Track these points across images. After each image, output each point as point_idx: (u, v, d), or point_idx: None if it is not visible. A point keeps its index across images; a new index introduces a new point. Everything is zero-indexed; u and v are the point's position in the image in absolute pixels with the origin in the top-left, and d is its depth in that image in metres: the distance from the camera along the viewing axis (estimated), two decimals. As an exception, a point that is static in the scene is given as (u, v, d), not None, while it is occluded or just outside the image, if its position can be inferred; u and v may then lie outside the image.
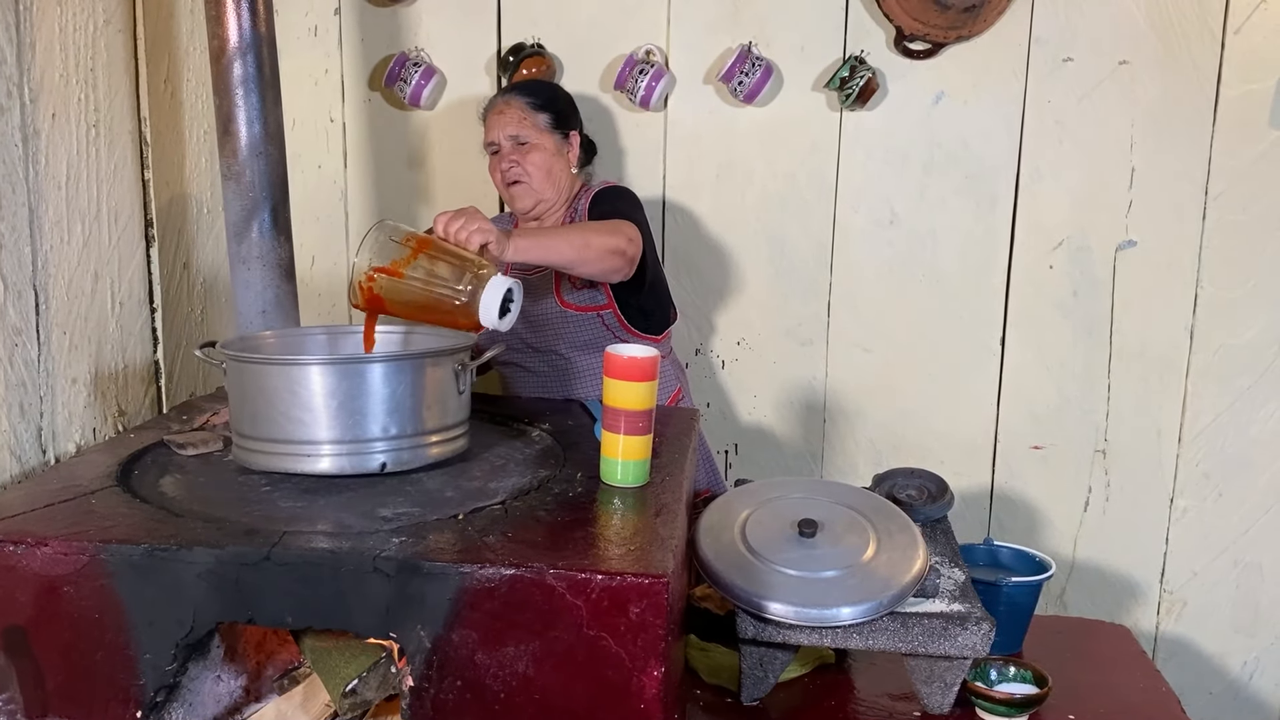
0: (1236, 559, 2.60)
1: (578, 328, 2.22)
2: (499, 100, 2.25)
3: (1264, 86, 2.40)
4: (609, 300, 2.21)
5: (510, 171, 2.20)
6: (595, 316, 2.22)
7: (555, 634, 1.31)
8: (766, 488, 1.89)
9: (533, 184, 2.21)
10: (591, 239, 1.93)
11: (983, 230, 2.53)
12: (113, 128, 2.03)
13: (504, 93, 2.28)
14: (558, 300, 2.21)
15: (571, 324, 2.22)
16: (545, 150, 2.21)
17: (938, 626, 1.63)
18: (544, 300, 2.23)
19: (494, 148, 2.23)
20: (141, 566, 1.36)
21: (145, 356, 2.15)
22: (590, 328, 2.22)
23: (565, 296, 2.21)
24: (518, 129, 2.20)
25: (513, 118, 2.21)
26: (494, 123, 2.23)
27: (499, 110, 2.23)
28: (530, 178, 2.20)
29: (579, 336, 2.23)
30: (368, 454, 1.58)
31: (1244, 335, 2.50)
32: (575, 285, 2.20)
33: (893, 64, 2.47)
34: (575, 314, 2.21)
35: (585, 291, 2.21)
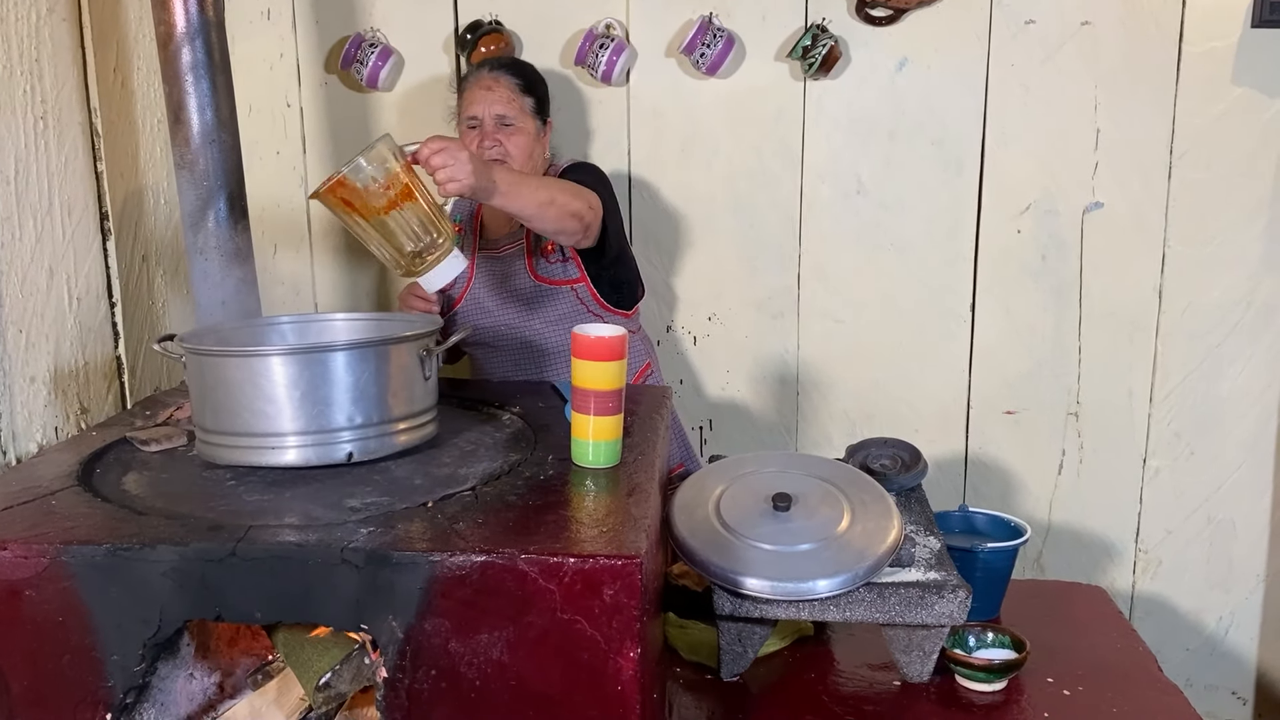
0: (1209, 516, 2.62)
1: (552, 302, 2.21)
2: (485, 75, 2.20)
3: (1225, 44, 2.40)
4: (581, 274, 2.20)
5: (492, 151, 2.16)
6: (569, 290, 2.21)
7: (529, 619, 1.30)
8: (740, 463, 1.88)
9: (513, 166, 2.17)
10: (557, 196, 1.94)
11: (950, 196, 2.52)
12: (61, 119, 1.98)
13: (491, 68, 2.22)
14: (530, 274, 2.21)
15: (546, 298, 2.21)
16: (528, 134, 2.19)
17: (914, 595, 1.63)
18: (516, 275, 2.22)
19: (474, 122, 2.18)
20: (104, 567, 1.33)
21: (106, 352, 2.11)
22: (564, 302, 2.21)
23: (538, 270, 2.20)
24: (505, 109, 2.17)
25: (501, 96, 2.17)
26: (479, 97, 2.17)
27: (486, 85, 2.18)
28: (511, 159, 2.16)
29: (553, 311, 2.22)
30: (334, 444, 1.55)
31: (1211, 293, 2.51)
32: (548, 259, 2.20)
33: (855, 31, 2.45)
34: (549, 288, 2.20)
35: (557, 265, 2.20)
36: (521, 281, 2.22)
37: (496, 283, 2.25)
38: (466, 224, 2.32)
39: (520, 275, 2.22)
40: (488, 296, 2.26)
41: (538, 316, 2.22)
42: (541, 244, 2.21)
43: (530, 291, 2.22)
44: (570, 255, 2.20)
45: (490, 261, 2.27)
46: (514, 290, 2.23)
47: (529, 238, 2.23)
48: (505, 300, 2.23)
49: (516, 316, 2.23)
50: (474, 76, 2.21)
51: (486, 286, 2.26)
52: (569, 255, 2.20)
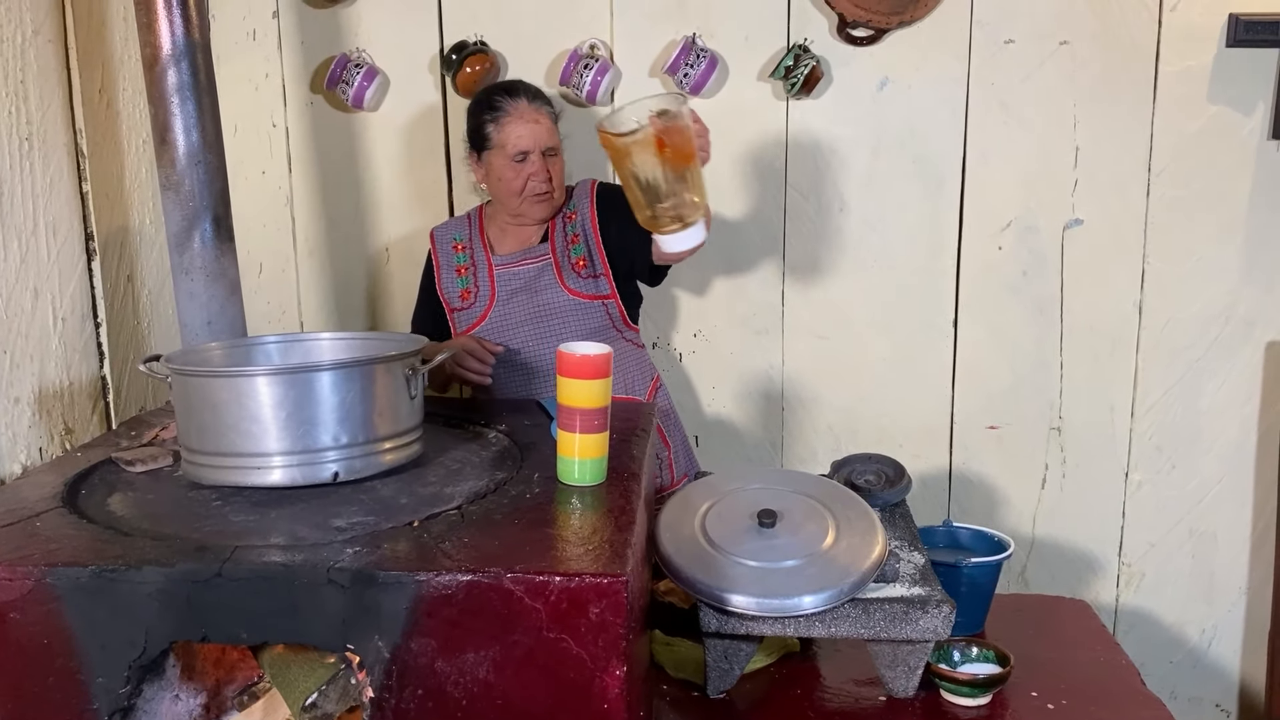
0: (1191, 529, 2.64)
1: (585, 317, 2.25)
2: (527, 107, 2.21)
3: (1201, 62, 2.43)
4: (612, 290, 2.26)
5: (541, 183, 2.20)
6: (600, 305, 2.25)
7: (515, 638, 1.30)
8: (725, 479, 1.89)
9: (554, 195, 2.24)
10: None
11: (932, 213, 2.55)
12: (47, 140, 1.98)
13: (530, 98, 2.23)
14: (563, 288, 2.24)
15: (579, 313, 2.25)
16: (562, 159, 2.26)
17: (899, 611, 1.64)
18: (546, 290, 2.25)
19: (523, 156, 2.19)
20: (90, 588, 1.33)
21: (91, 372, 2.11)
22: (595, 317, 2.25)
23: (570, 284, 2.24)
24: (550, 140, 2.21)
25: (546, 127, 2.21)
26: (527, 131, 2.19)
27: (532, 119, 2.20)
28: (555, 187, 2.23)
29: (584, 326, 2.25)
30: (319, 464, 1.55)
31: (1190, 309, 2.54)
32: (579, 274, 2.24)
33: (836, 51, 2.48)
34: (583, 302, 2.25)
35: (589, 280, 2.25)
36: (552, 296, 2.24)
37: (524, 298, 2.26)
38: (470, 243, 2.34)
39: (551, 289, 2.25)
40: (515, 312, 2.26)
41: (568, 331, 2.23)
42: (572, 259, 2.25)
43: (563, 306, 2.24)
44: (602, 271, 2.25)
45: (513, 277, 2.28)
46: (544, 305, 2.25)
47: (555, 252, 2.25)
48: (533, 315, 2.25)
49: (546, 331, 2.25)
50: (513, 109, 2.20)
51: (512, 303, 2.27)
52: (600, 271, 2.25)
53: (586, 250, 2.26)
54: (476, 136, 2.25)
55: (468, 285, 2.30)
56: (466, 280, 2.31)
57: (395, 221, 2.64)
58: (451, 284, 2.33)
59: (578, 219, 2.29)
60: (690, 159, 1.73)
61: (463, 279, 2.31)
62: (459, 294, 2.31)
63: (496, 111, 2.21)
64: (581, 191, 2.32)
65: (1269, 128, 2.45)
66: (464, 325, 2.29)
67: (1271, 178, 2.47)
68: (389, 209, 2.64)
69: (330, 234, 2.66)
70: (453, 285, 2.33)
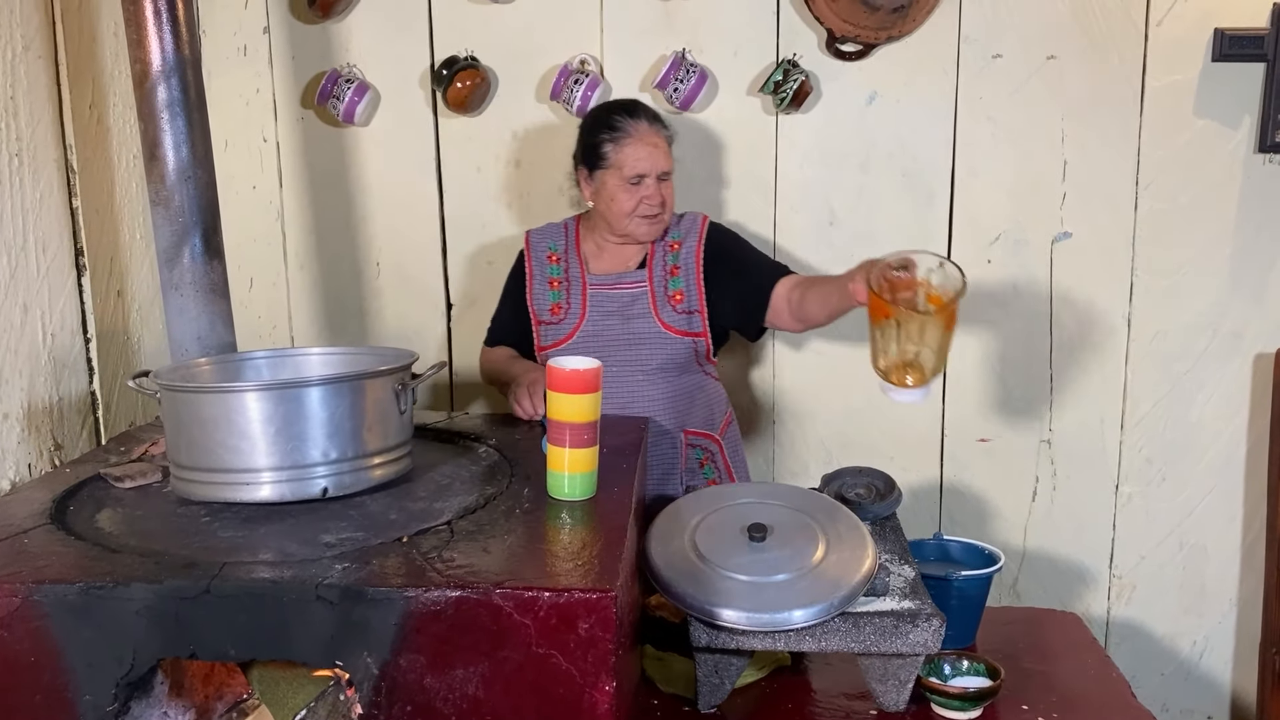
0: (1182, 541, 2.65)
1: (673, 350, 2.22)
2: (647, 130, 2.19)
3: (1187, 76, 2.45)
4: (704, 329, 2.24)
5: (654, 207, 2.18)
6: (690, 342, 2.23)
7: (504, 654, 1.30)
8: (715, 494, 1.89)
9: (666, 216, 2.22)
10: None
11: (921, 227, 2.56)
12: (36, 156, 1.98)
13: (650, 121, 2.21)
14: (656, 319, 2.22)
15: (668, 346, 2.22)
16: (672, 183, 2.23)
17: (889, 625, 1.64)
18: (640, 318, 2.23)
19: (639, 179, 2.17)
20: (77, 606, 1.32)
21: (81, 388, 2.10)
22: (683, 351, 2.23)
23: (663, 316, 2.22)
24: (666, 164, 2.20)
25: (664, 152, 2.19)
26: (647, 154, 2.17)
27: (652, 142, 2.18)
28: (667, 210, 2.21)
29: (672, 358, 2.23)
30: (309, 479, 1.55)
31: (1179, 321, 2.55)
32: (674, 307, 2.22)
33: (825, 66, 2.49)
34: (673, 336, 2.22)
35: (682, 316, 2.22)
36: (644, 325, 2.22)
37: (616, 322, 2.24)
38: (566, 256, 2.30)
39: (644, 318, 2.22)
40: (604, 334, 2.23)
41: (655, 361, 2.22)
42: (669, 291, 2.23)
43: (653, 337, 2.22)
44: (697, 309, 2.22)
45: (607, 299, 2.25)
46: (634, 333, 2.22)
47: (653, 280, 2.23)
48: (623, 341, 2.22)
49: (632, 359, 2.22)
50: (634, 130, 2.18)
51: (603, 324, 2.24)
52: (695, 309, 2.22)
53: (685, 286, 2.23)
54: (591, 154, 2.21)
55: (559, 300, 2.26)
56: (559, 294, 2.27)
57: (386, 236, 2.65)
58: (543, 295, 2.28)
59: (682, 252, 2.25)
60: (952, 332, 1.73)
61: (555, 292, 2.27)
62: (549, 307, 2.27)
63: (616, 132, 2.18)
64: (690, 225, 2.28)
65: (1255, 141, 2.46)
66: (550, 340, 2.26)
67: (1258, 191, 2.49)
68: (380, 224, 2.64)
69: (321, 249, 2.66)
70: (544, 297, 2.28)
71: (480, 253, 2.63)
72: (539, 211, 2.59)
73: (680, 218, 2.31)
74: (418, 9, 2.53)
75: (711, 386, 2.34)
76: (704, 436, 2.29)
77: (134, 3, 1.85)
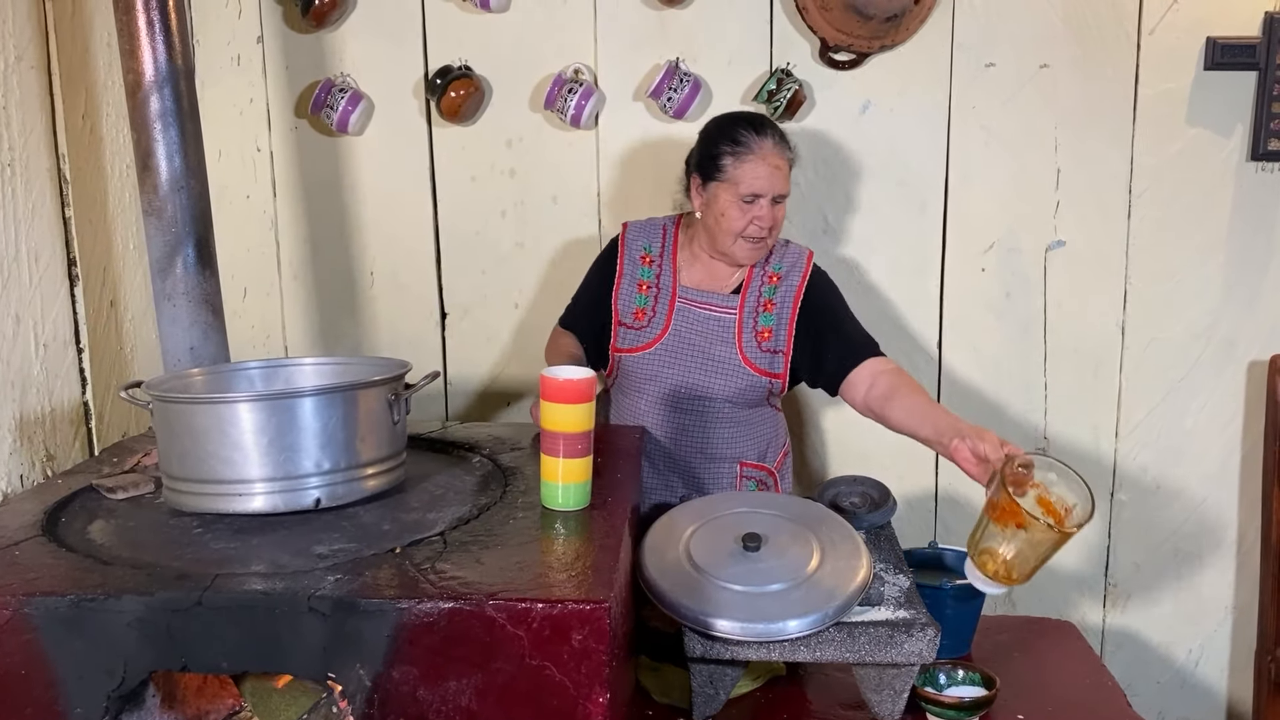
0: (1177, 548, 2.65)
1: (748, 385, 2.16)
2: (771, 150, 2.08)
3: (1179, 85, 2.46)
4: (784, 372, 2.17)
5: (763, 230, 2.08)
6: (766, 381, 2.16)
7: (497, 666, 1.30)
8: (710, 504, 1.89)
9: (770, 241, 2.13)
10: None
11: (915, 235, 2.56)
12: (29, 166, 1.98)
13: (775, 141, 2.10)
14: (739, 352, 2.15)
15: (744, 380, 2.15)
16: (785, 207, 2.14)
17: (884, 635, 1.63)
18: (721, 345, 2.16)
19: (752, 198, 2.07)
20: (68, 618, 1.32)
21: (73, 398, 2.10)
22: (756, 391, 2.17)
23: (746, 352, 2.14)
24: (784, 187, 2.09)
25: (785, 174, 2.10)
26: (767, 174, 2.06)
27: (775, 163, 2.07)
28: (775, 232, 2.12)
29: (745, 393, 2.16)
30: (301, 490, 1.55)
31: (1173, 329, 2.55)
32: (760, 345, 2.15)
33: (819, 75, 2.49)
34: (752, 373, 2.15)
35: (766, 355, 2.15)
36: (725, 354, 2.15)
37: (698, 343, 2.16)
38: (660, 261, 2.22)
39: (726, 347, 2.15)
40: (684, 352, 2.17)
41: (729, 391, 2.16)
42: (758, 326, 2.16)
43: (732, 369, 2.15)
44: (782, 351, 2.15)
45: (692, 316, 2.17)
46: (714, 359, 2.15)
47: (744, 310, 2.16)
48: (700, 364, 2.15)
49: (702, 383, 2.16)
50: (758, 148, 2.07)
51: (684, 341, 2.17)
52: (780, 349, 2.15)
53: (776, 326, 2.15)
54: (709, 164, 2.10)
55: (646, 305, 2.19)
56: (646, 300, 2.19)
57: (380, 246, 2.64)
58: (629, 297, 2.21)
59: (780, 288, 2.16)
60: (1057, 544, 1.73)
61: (643, 297, 2.19)
62: (634, 311, 2.19)
63: (739, 146, 2.07)
64: (794, 261, 2.19)
65: (1247, 149, 2.47)
66: (627, 344, 2.19)
67: (1251, 198, 2.50)
68: (373, 233, 2.64)
69: (314, 258, 2.66)
70: (630, 299, 2.21)
71: (474, 262, 2.63)
72: (533, 221, 2.59)
73: (784, 246, 2.22)
74: (411, 18, 2.53)
75: (773, 419, 2.28)
76: (758, 469, 2.25)
77: (127, 13, 1.85)
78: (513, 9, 2.50)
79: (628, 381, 2.21)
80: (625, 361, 2.19)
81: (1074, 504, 1.73)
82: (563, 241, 2.60)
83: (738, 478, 2.23)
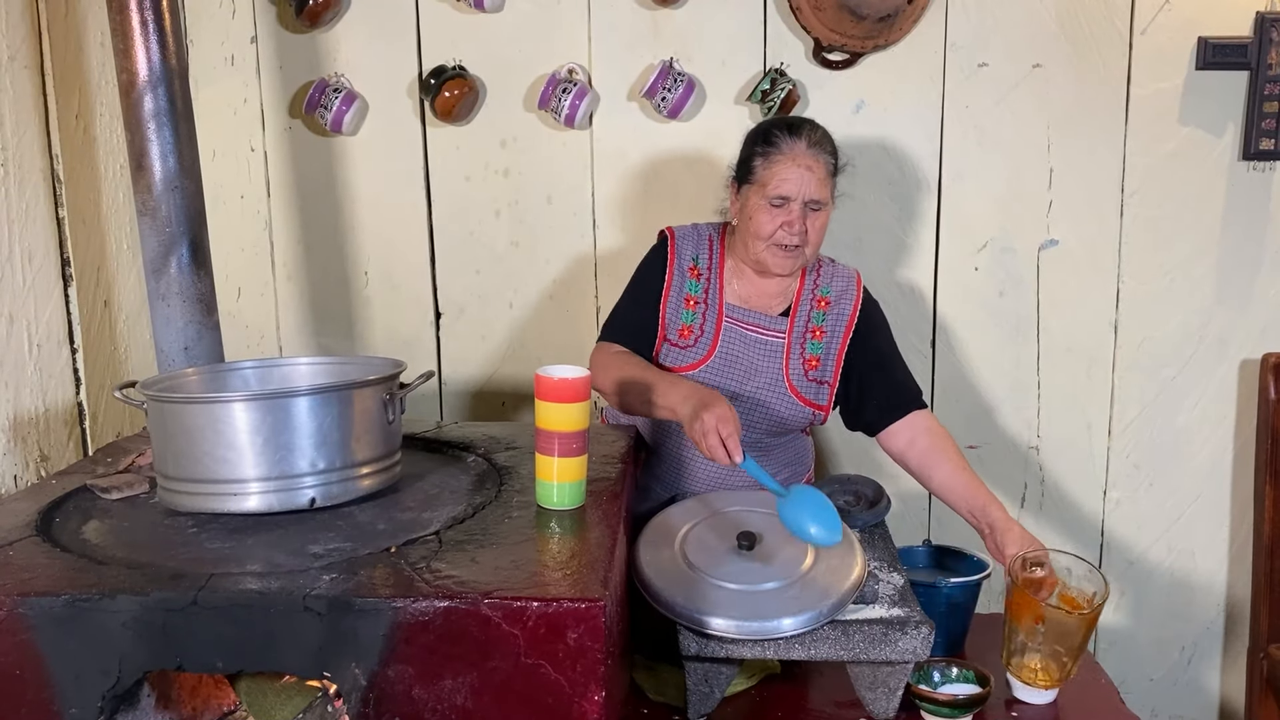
0: (1170, 546, 2.66)
1: (790, 415, 2.08)
2: (805, 152, 1.98)
3: (1172, 85, 2.46)
4: (829, 403, 2.11)
5: (796, 236, 1.98)
6: (810, 413, 2.09)
7: (493, 664, 1.30)
8: (705, 502, 1.89)
9: (806, 252, 2.01)
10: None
11: (908, 235, 2.57)
12: (22, 166, 1.98)
13: (811, 143, 1.99)
14: (785, 380, 2.06)
15: (788, 409, 2.07)
16: (826, 219, 2.02)
17: (878, 632, 1.64)
18: (769, 373, 2.06)
19: (781, 201, 1.97)
20: (63, 618, 1.32)
21: (67, 398, 2.10)
22: (797, 419, 2.09)
23: (793, 380, 2.06)
24: (819, 193, 1.98)
25: (819, 178, 1.98)
26: (796, 176, 1.96)
27: (805, 165, 1.97)
28: (809, 245, 2.00)
29: (786, 422, 2.09)
30: (296, 490, 1.55)
31: (1165, 328, 2.56)
32: (806, 374, 2.07)
33: (812, 75, 2.50)
34: (798, 404, 2.07)
35: (812, 385, 2.08)
36: (769, 381, 2.05)
37: (742, 366, 2.06)
38: (709, 276, 2.10)
39: (771, 374, 2.06)
40: (729, 374, 2.06)
41: (770, 421, 2.07)
42: (805, 354, 2.07)
43: (775, 397, 2.05)
44: (829, 381, 2.08)
45: (739, 338, 2.07)
46: (759, 386, 2.05)
47: (791, 334, 2.08)
48: (741, 390, 2.04)
49: (749, 411, 2.04)
50: (788, 149, 1.98)
51: (729, 362, 2.06)
52: (828, 380, 2.08)
53: (825, 355, 2.08)
54: (742, 167, 2.05)
55: (693, 322, 2.06)
56: (694, 316, 2.07)
57: (374, 245, 2.64)
58: (676, 312, 2.08)
59: (830, 315, 2.09)
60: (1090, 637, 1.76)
61: (690, 313, 2.07)
62: (680, 328, 2.07)
63: (770, 147, 1.99)
64: (844, 285, 2.11)
65: (1239, 148, 2.48)
66: (670, 362, 2.06)
67: (1243, 198, 2.51)
68: (368, 233, 2.64)
69: (309, 258, 2.65)
70: (677, 314, 2.08)
71: (469, 262, 2.63)
72: (527, 220, 2.59)
73: (832, 266, 2.15)
74: (406, 18, 2.53)
75: (804, 444, 2.24)
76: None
77: (121, 12, 1.85)
78: (507, 9, 2.50)
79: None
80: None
81: (1093, 593, 1.78)
82: (557, 242, 2.60)
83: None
